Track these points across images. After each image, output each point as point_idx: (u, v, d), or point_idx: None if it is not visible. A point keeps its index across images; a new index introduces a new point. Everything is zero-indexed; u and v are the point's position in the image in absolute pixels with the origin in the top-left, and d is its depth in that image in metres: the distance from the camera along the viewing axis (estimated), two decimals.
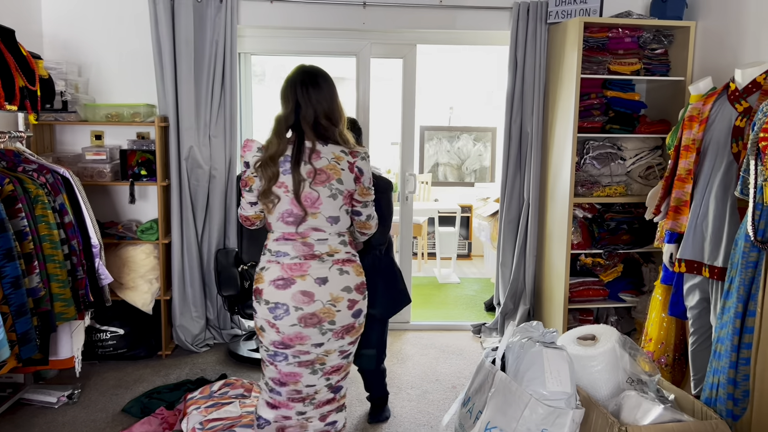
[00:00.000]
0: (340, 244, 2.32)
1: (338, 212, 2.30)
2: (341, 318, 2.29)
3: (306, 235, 2.27)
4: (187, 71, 3.97)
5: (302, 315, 2.25)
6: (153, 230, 3.98)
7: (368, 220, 2.43)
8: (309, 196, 2.26)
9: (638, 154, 4.01)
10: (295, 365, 2.33)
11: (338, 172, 2.27)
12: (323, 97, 2.27)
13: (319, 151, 2.27)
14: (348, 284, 2.30)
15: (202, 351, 4.13)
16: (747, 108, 2.86)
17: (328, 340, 2.31)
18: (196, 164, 4.07)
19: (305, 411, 2.42)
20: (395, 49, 4.45)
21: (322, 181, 2.25)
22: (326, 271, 2.27)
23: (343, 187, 2.29)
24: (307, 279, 2.25)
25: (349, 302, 2.30)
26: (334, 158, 2.27)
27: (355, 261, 2.37)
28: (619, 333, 2.72)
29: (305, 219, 2.26)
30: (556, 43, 4.00)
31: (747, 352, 2.49)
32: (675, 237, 3.18)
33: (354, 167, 2.30)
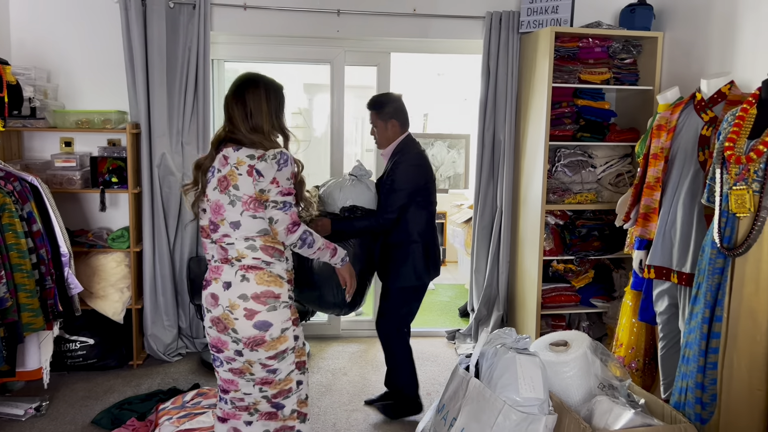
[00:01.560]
0: (247, 248, 2.24)
1: (239, 217, 2.24)
2: (241, 327, 2.21)
3: (221, 240, 2.27)
4: (159, 77, 3.94)
5: (211, 317, 2.27)
6: (124, 238, 3.93)
7: (271, 223, 2.22)
8: (216, 203, 2.26)
9: (608, 162, 4.07)
10: (228, 371, 2.31)
11: (235, 177, 2.22)
12: (244, 104, 2.28)
13: (228, 157, 2.25)
14: (245, 292, 2.22)
15: (175, 360, 4.08)
16: (713, 117, 2.94)
17: (242, 349, 2.24)
18: (168, 171, 4.02)
19: (251, 421, 2.36)
20: (369, 57, 4.47)
21: (224, 188, 2.24)
22: (232, 276, 2.24)
23: (240, 193, 2.22)
24: (219, 282, 2.26)
25: (246, 311, 2.21)
26: (236, 163, 2.23)
27: (262, 269, 2.24)
28: (591, 339, 2.76)
29: (218, 225, 2.27)
30: (528, 52, 4.06)
31: (714, 356, 2.54)
32: (644, 243, 3.24)
33: (253, 170, 2.21)
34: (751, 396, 2.43)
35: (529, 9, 4.04)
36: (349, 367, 4.04)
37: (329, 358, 4.18)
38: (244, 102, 2.29)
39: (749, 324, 2.43)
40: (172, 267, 4.12)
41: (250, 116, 2.28)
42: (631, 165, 4.08)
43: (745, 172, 2.45)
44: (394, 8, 4.18)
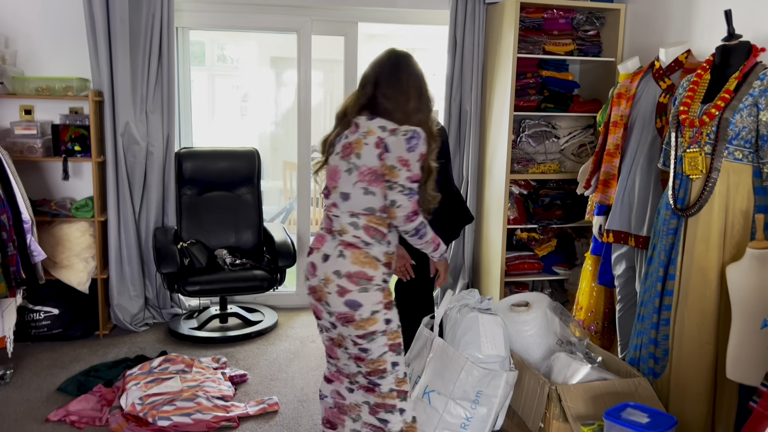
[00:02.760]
0: (350, 225, 2.15)
1: (351, 188, 2.14)
2: (333, 302, 2.14)
3: (329, 209, 2.21)
4: (122, 45, 3.87)
5: (309, 286, 2.23)
6: (88, 207, 3.89)
7: (392, 206, 2.10)
8: (332, 168, 2.21)
9: (571, 133, 4.16)
10: (327, 340, 2.29)
11: (361, 145, 2.12)
12: (407, 81, 2.17)
13: (359, 125, 2.16)
14: (339, 268, 2.13)
15: (142, 330, 4.07)
16: (670, 85, 3.03)
17: (335, 321, 2.18)
18: (132, 140, 3.98)
19: (353, 389, 2.30)
20: (337, 27, 4.45)
21: (346, 154, 2.15)
22: (332, 249, 2.16)
23: (360, 162, 2.11)
24: (320, 253, 2.19)
25: (338, 288, 2.12)
26: (365, 132, 2.13)
27: (360, 248, 2.13)
28: (550, 299, 2.85)
29: (330, 192, 2.21)
30: (494, 23, 4.10)
31: (667, 313, 2.65)
32: (604, 209, 3.33)
33: (382, 143, 2.09)
34: (701, 350, 2.54)
35: None
36: (317, 335, 4.09)
37: (298, 327, 4.22)
38: (419, 80, 2.19)
39: (700, 281, 2.53)
40: (138, 237, 4.09)
41: (418, 97, 2.17)
42: (594, 136, 4.17)
43: (698, 135, 2.54)
44: None
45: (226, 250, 4.08)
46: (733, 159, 2.48)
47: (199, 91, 7.23)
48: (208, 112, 7.47)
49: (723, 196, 2.49)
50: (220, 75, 7.74)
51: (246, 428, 2.94)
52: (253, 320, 4.17)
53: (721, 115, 2.47)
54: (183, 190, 4.18)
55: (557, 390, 2.49)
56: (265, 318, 4.23)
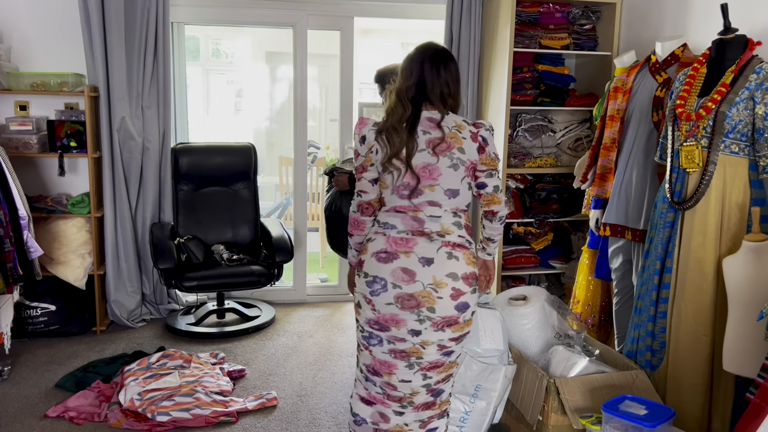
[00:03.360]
0: (453, 225, 2.10)
1: (459, 185, 2.09)
2: (442, 307, 2.05)
3: (419, 208, 2.09)
4: (117, 40, 3.85)
5: (400, 294, 2.05)
6: (84, 203, 3.87)
7: (496, 192, 2.15)
8: (427, 166, 2.08)
9: (567, 127, 4.16)
10: (390, 354, 2.12)
11: (459, 140, 2.09)
12: (450, 77, 2.17)
13: (438, 119, 2.12)
14: (454, 270, 2.05)
15: (139, 326, 4.07)
16: (666, 79, 3.03)
17: (425, 329, 2.07)
18: (128, 136, 3.96)
19: (403, 412, 2.18)
20: (332, 21, 4.44)
21: (443, 150, 2.08)
22: (433, 252, 2.05)
23: (465, 157, 2.09)
24: (411, 257, 2.05)
25: (453, 291, 2.04)
26: (455, 126, 2.12)
27: (468, 248, 2.11)
28: (548, 293, 2.86)
29: (421, 191, 2.08)
30: (490, 17, 4.09)
31: (664, 306, 2.66)
32: (600, 203, 3.34)
33: (478, 136, 2.12)
34: (697, 342, 2.56)
35: None
36: (314, 330, 4.10)
37: (295, 322, 4.22)
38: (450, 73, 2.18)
39: (696, 274, 2.55)
40: (135, 232, 4.08)
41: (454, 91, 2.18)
42: (590, 130, 4.18)
43: (695, 128, 2.55)
44: None
45: (223, 245, 4.07)
46: (729, 152, 2.49)
47: (194, 87, 7.21)
48: (203, 107, 7.45)
49: (719, 189, 2.50)
50: (215, 70, 7.71)
51: (245, 423, 2.94)
52: (250, 315, 4.17)
53: (718, 109, 2.48)
54: (179, 185, 4.18)
55: (555, 383, 2.50)
56: (262, 313, 4.24)
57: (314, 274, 5.30)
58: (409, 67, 2.18)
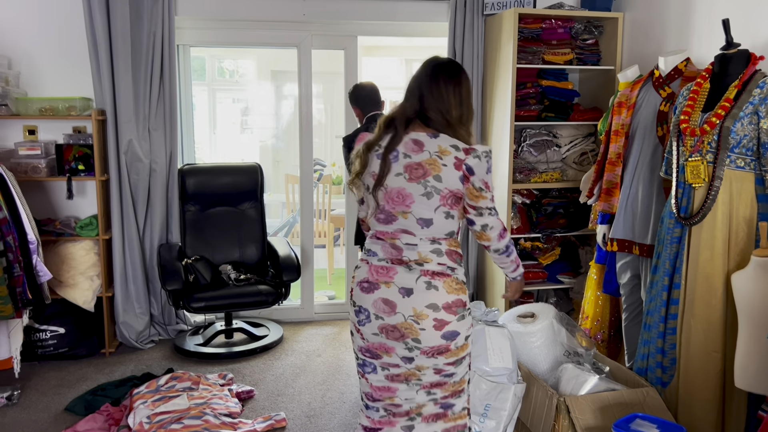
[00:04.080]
0: (432, 252, 2.01)
1: (432, 214, 2.00)
2: (427, 338, 1.99)
3: (396, 236, 2.03)
4: (124, 63, 3.90)
5: (383, 325, 2.02)
6: (93, 226, 3.90)
7: (484, 231, 2.05)
8: (400, 192, 2.01)
9: (572, 141, 4.17)
10: (385, 378, 2.08)
11: (438, 167, 1.98)
12: (447, 90, 2.06)
13: (423, 143, 2.01)
14: (434, 301, 1.98)
15: (147, 348, 4.07)
16: (670, 93, 3.04)
17: (416, 356, 2.02)
18: (135, 158, 4.00)
19: (413, 425, 2.10)
20: (336, 41, 4.48)
21: (418, 177, 1.99)
22: (413, 282, 1.99)
23: (442, 185, 1.98)
24: (392, 287, 2.01)
25: (435, 322, 1.98)
26: (437, 152, 2.00)
27: (449, 275, 2.02)
28: (556, 310, 2.84)
29: (395, 217, 2.03)
30: (493, 34, 4.12)
31: (673, 322, 2.65)
32: (607, 218, 3.34)
33: (462, 164, 1.98)
34: (708, 358, 2.54)
35: None
36: (323, 349, 4.09)
37: (303, 341, 4.21)
38: (447, 86, 2.06)
39: (705, 289, 2.53)
40: (143, 254, 4.10)
41: (460, 104, 2.07)
42: (595, 144, 4.18)
43: (699, 144, 2.54)
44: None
45: (231, 265, 4.08)
46: (735, 167, 2.49)
47: (199, 106, 7.27)
48: (209, 126, 7.51)
49: (726, 204, 2.50)
50: (221, 89, 7.79)
51: None
52: (258, 335, 4.17)
53: (722, 124, 2.48)
54: (186, 206, 4.20)
55: (566, 401, 2.48)
56: (270, 332, 4.24)
57: (322, 291, 5.30)
58: (411, 84, 2.12)
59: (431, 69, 2.10)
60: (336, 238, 6.49)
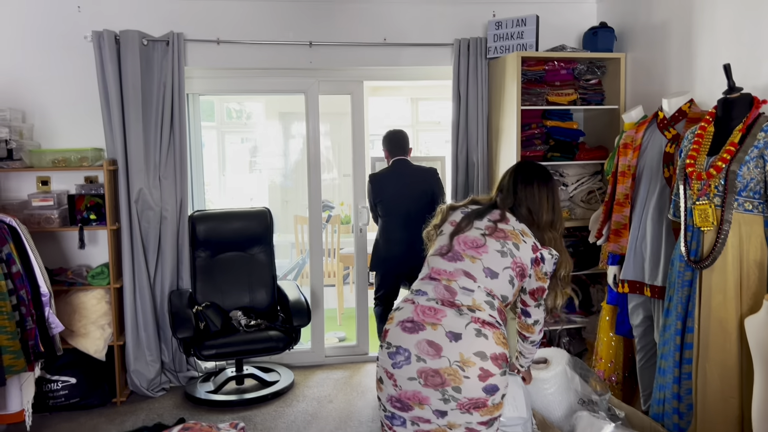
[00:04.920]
0: (486, 303, 2.02)
1: (500, 270, 2.05)
2: (468, 387, 1.92)
3: (453, 277, 2.05)
4: (135, 114, 3.97)
5: (423, 369, 1.94)
6: (104, 275, 3.93)
7: (534, 325, 2.24)
8: (476, 240, 2.10)
9: (579, 180, 4.18)
10: None
11: (519, 239, 2.10)
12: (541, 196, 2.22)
13: (508, 219, 2.16)
14: (483, 349, 1.94)
15: (158, 395, 4.06)
16: (675, 135, 3.05)
17: (451, 409, 1.94)
18: (146, 206, 4.04)
19: None
20: (343, 86, 4.55)
21: (498, 237, 2.10)
22: (462, 327, 1.96)
23: (518, 253, 2.08)
24: (439, 329, 1.96)
25: (481, 371, 1.92)
26: (521, 231, 2.14)
27: (498, 328, 2.02)
28: (569, 355, 2.82)
29: (461, 258, 2.07)
30: (497, 76, 4.17)
31: (688, 367, 2.62)
32: (617, 259, 3.33)
33: (538, 251, 2.13)
34: (725, 404, 2.50)
35: (495, 35, 4.16)
36: (334, 395, 4.06)
37: (314, 386, 4.19)
38: (552, 192, 2.25)
39: (719, 333, 2.51)
40: (153, 301, 4.12)
41: (552, 209, 2.23)
42: (602, 182, 4.19)
43: (706, 187, 2.55)
44: (364, 38, 4.28)
45: (241, 311, 4.09)
46: (743, 210, 2.49)
47: (209, 147, 7.36)
48: (218, 167, 7.59)
49: (736, 247, 2.49)
50: (230, 131, 7.89)
51: None
52: (269, 381, 4.15)
53: (728, 168, 2.49)
54: (197, 252, 4.23)
55: None
56: (281, 378, 4.21)
57: (332, 333, 5.28)
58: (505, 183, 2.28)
59: (541, 172, 2.28)
60: (345, 277, 6.49)
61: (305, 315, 3.98)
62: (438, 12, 4.33)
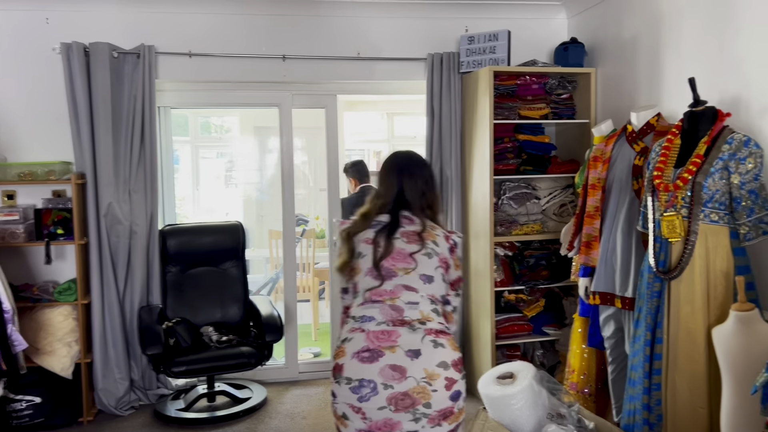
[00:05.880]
0: (432, 312, 2.04)
1: (433, 272, 2.09)
2: (437, 400, 1.92)
3: (395, 294, 2.03)
4: (104, 127, 3.92)
5: (392, 395, 1.90)
6: (71, 291, 3.84)
7: (453, 312, 2.18)
8: (400, 251, 2.10)
9: (551, 193, 4.21)
10: None
11: (433, 235, 2.15)
12: (425, 184, 2.24)
13: (413, 219, 2.18)
14: (443, 359, 1.95)
15: (127, 414, 3.96)
16: (644, 148, 3.09)
17: (422, 427, 1.92)
18: (115, 220, 3.97)
19: None
20: (316, 100, 4.54)
21: (416, 240, 2.12)
22: (418, 342, 1.95)
23: (439, 249, 2.14)
24: (398, 351, 1.93)
25: (446, 381, 1.93)
26: (430, 226, 2.18)
27: (449, 334, 2.05)
28: (536, 369, 2.80)
29: (395, 274, 2.06)
30: (469, 91, 4.20)
31: (658, 377, 2.63)
32: (588, 271, 3.34)
33: (450, 239, 2.20)
34: (694, 414, 2.51)
35: (468, 50, 4.19)
36: (308, 411, 4.00)
37: (288, 403, 4.12)
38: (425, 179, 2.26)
39: (688, 344, 2.53)
40: (122, 317, 4.03)
41: (432, 199, 2.26)
42: (573, 195, 4.22)
43: (673, 199, 2.58)
44: (338, 52, 4.28)
45: (212, 326, 4.03)
46: (709, 221, 2.52)
47: (183, 162, 7.30)
48: (192, 181, 7.52)
49: (703, 258, 2.51)
50: (205, 146, 7.83)
51: None
52: (241, 398, 4.08)
53: (695, 180, 2.52)
54: (168, 267, 4.16)
55: None
56: (254, 394, 4.15)
57: (306, 348, 5.22)
58: (386, 178, 2.26)
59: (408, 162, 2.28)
60: (321, 292, 6.44)
61: (278, 330, 3.93)
62: (411, 26, 4.36)
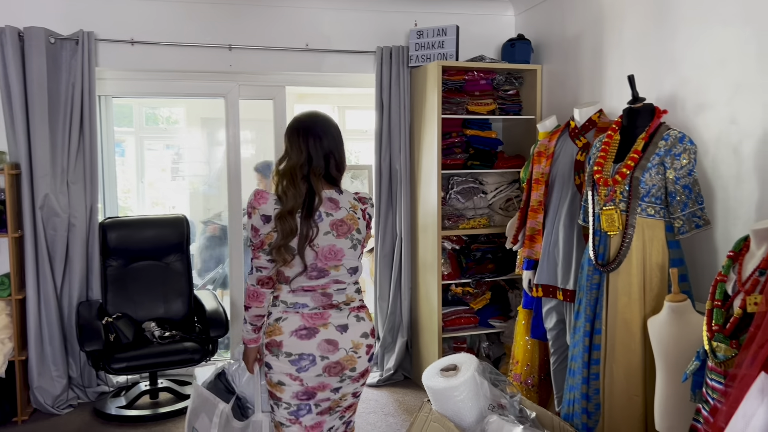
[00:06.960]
0: (355, 292, 2.27)
1: (357, 262, 2.26)
2: (361, 364, 2.23)
3: (327, 287, 2.19)
4: (40, 115, 3.77)
5: (327, 364, 2.16)
6: (5, 285, 3.69)
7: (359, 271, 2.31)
8: (332, 249, 2.16)
9: (498, 188, 4.27)
10: (317, 415, 2.23)
11: (356, 222, 2.22)
12: (334, 145, 2.20)
13: (337, 200, 2.20)
14: (365, 330, 2.23)
15: (65, 413, 3.83)
16: (586, 143, 3.16)
17: (346, 384, 2.22)
18: (52, 213, 3.83)
19: None
20: (264, 91, 4.48)
21: (344, 232, 2.18)
22: (345, 319, 2.20)
23: (361, 237, 2.24)
24: (330, 327, 2.18)
25: (367, 348, 2.23)
26: (351, 207, 2.22)
27: (366, 307, 2.31)
28: (478, 360, 2.83)
29: (327, 272, 2.17)
30: (418, 85, 4.21)
31: (596, 367, 2.70)
32: (532, 264, 3.41)
33: (366, 213, 2.28)
34: (630, 402, 2.59)
35: (417, 44, 4.20)
36: None
37: None
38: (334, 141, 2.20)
39: (624, 334, 2.60)
40: (60, 313, 3.90)
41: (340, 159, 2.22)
42: (519, 190, 4.28)
43: (612, 193, 2.64)
44: (286, 43, 4.22)
45: (155, 322, 3.93)
46: (646, 215, 2.59)
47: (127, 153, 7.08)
48: (136, 174, 7.31)
49: (639, 250, 2.59)
50: (150, 137, 7.61)
51: None
52: (185, 394, 3.99)
53: (632, 174, 2.59)
54: (108, 261, 4.04)
55: None
56: None
57: None
58: (294, 141, 2.16)
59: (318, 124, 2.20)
60: None
61: (222, 326, 3.86)
62: (360, 19, 4.34)
